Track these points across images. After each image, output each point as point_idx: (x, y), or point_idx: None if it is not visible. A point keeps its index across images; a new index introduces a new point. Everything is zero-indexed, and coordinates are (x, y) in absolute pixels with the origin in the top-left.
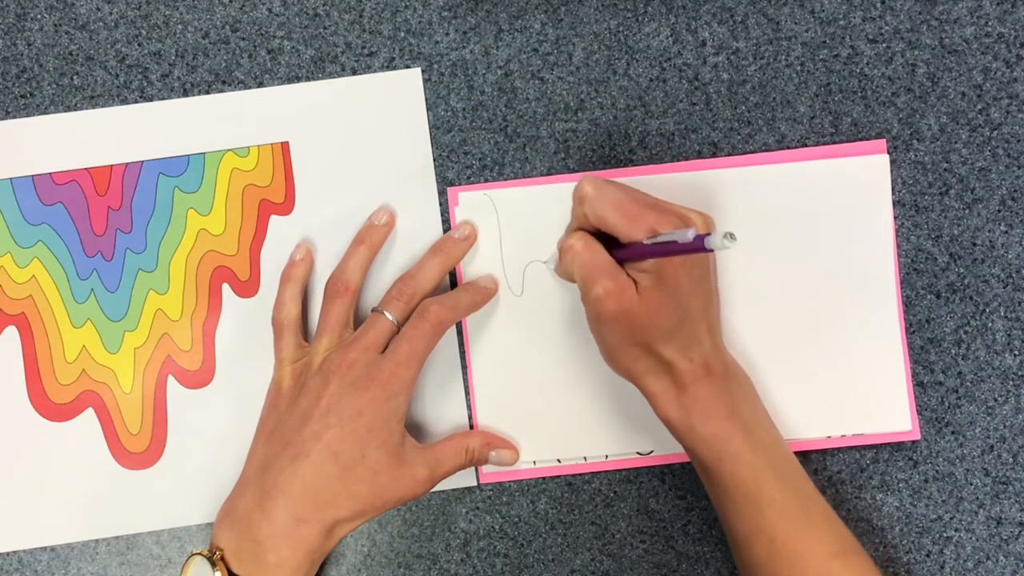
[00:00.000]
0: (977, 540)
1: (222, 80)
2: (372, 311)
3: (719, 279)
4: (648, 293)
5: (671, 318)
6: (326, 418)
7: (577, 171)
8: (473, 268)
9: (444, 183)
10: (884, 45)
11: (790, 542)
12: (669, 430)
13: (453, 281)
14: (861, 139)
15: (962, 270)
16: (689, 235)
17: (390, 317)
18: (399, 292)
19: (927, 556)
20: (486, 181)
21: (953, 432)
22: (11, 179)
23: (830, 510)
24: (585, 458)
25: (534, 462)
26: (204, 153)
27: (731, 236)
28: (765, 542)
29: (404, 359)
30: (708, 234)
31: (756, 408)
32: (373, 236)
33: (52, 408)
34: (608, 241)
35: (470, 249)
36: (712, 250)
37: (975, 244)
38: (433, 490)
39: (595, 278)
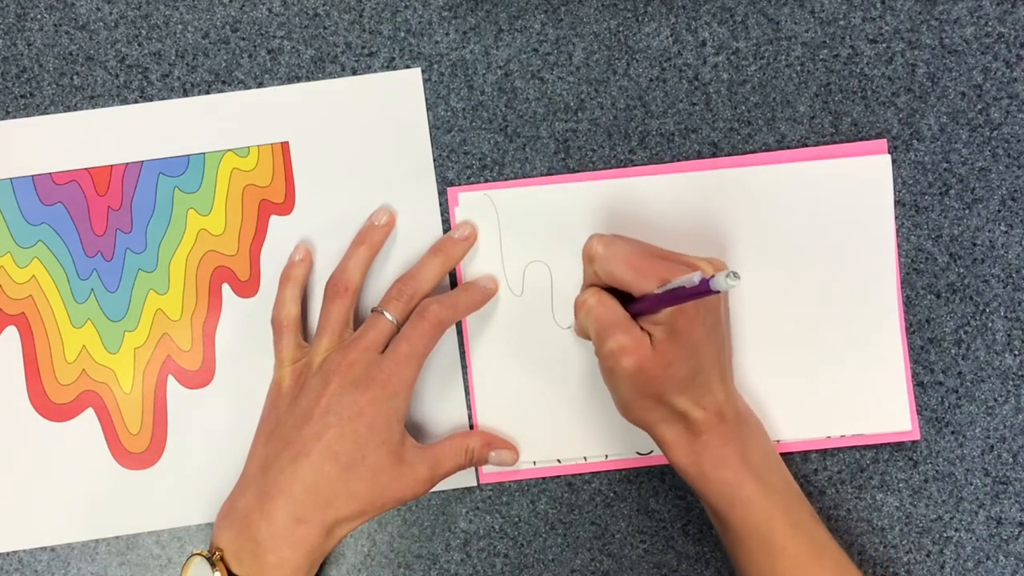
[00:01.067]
0: (977, 540)
1: (222, 80)
2: (372, 311)
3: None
4: (662, 346)
5: (685, 370)
6: (326, 418)
7: (577, 171)
8: (473, 268)
9: (444, 183)
10: (884, 45)
11: None
12: (682, 477)
13: (453, 281)
14: (861, 139)
15: (962, 270)
16: (695, 279)
17: (390, 317)
18: (399, 292)
19: (927, 556)
20: (486, 181)
21: (953, 432)
22: (11, 179)
23: (843, 555)
24: (585, 458)
25: (534, 462)
26: (204, 153)
27: (735, 275)
28: None
29: (404, 358)
30: (712, 276)
31: (767, 453)
32: (373, 236)
33: (52, 408)
34: (622, 297)
35: (470, 249)
36: (719, 291)
37: (975, 244)
38: (433, 490)
39: (609, 333)
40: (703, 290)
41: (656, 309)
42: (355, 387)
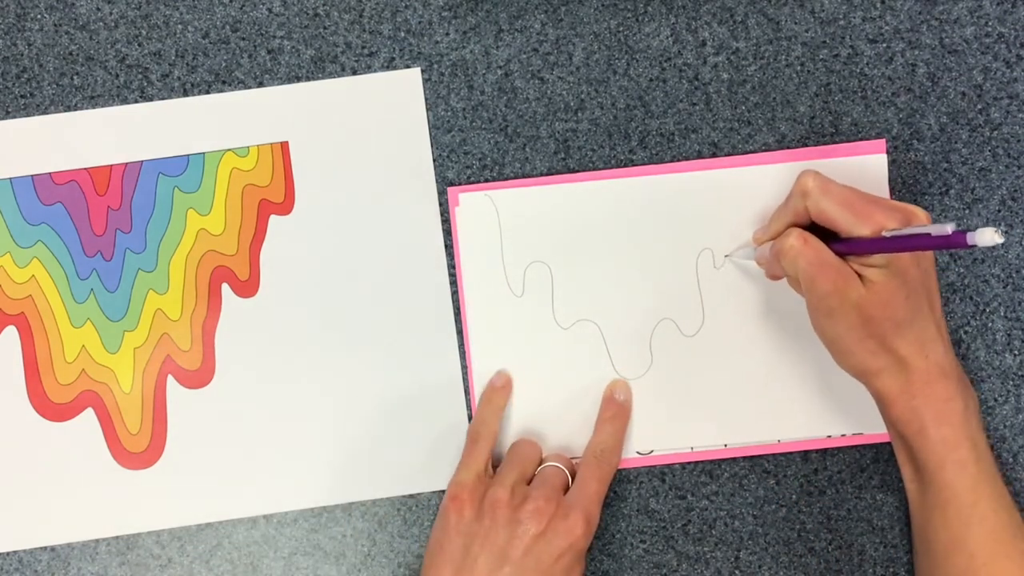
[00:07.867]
0: None
1: (222, 80)
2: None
3: None
4: (877, 286)
5: (904, 310)
6: (524, 560)
7: (577, 171)
8: (473, 268)
9: (444, 183)
10: (884, 45)
11: (991, 563)
12: (894, 432)
13: (453, 282)
14: (861, 139)
15: (962, 270)
16: (948, 229)
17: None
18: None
19: None
20: (486, 181)
21: None
22: (11, 179)
23: None
24: None
25: None
26: (204, 153)
27: (1002, 231)
28: (966, 558)
29: (592, 498)
30: (969, 229)
31: (981, 420)
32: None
33: (52, 408)
34: (820, 234)
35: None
36: (974, 246)
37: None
38: (433, 490)
39: (822, 274)
40: (956, 242)
41: (871, 252)
42: (552, 534)
